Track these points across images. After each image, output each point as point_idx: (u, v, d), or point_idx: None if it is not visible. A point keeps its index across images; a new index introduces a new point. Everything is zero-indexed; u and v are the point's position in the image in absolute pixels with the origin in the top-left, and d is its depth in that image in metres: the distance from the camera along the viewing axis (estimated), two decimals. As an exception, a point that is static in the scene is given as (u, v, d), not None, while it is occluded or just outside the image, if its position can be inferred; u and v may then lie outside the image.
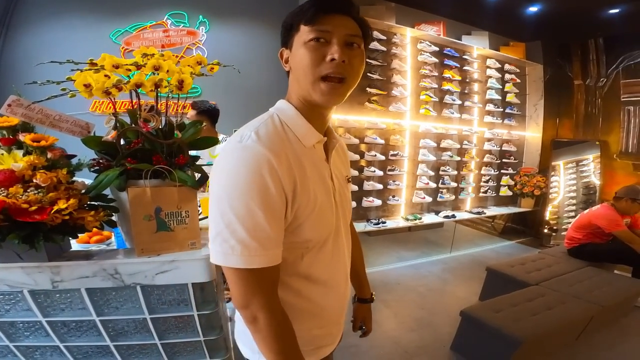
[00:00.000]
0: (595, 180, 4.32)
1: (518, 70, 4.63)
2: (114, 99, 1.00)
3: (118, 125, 0.97)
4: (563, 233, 4.28)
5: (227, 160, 0.57)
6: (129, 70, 1.04)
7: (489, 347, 2.01)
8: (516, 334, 1.86)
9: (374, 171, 3.57)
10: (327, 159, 0.72)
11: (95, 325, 0.95)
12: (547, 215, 4.41)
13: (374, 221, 3.57)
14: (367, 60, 3.45)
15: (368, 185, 3.57)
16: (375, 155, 3.58)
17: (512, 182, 4.57)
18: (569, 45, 4.61)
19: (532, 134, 4.80)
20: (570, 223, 4.09)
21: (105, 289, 0.94)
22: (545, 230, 4.39)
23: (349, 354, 2.12)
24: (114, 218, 1.00)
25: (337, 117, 3.36)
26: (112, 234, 1.17)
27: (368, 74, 3.50)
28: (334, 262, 0.72)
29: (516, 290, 2.41)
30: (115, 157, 0.93)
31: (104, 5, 2.95)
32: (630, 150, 4.07)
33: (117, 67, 1.01)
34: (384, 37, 3.56)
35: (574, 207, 4.44)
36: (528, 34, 4.60)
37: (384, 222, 3.60)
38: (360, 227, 3.46)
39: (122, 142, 0.94)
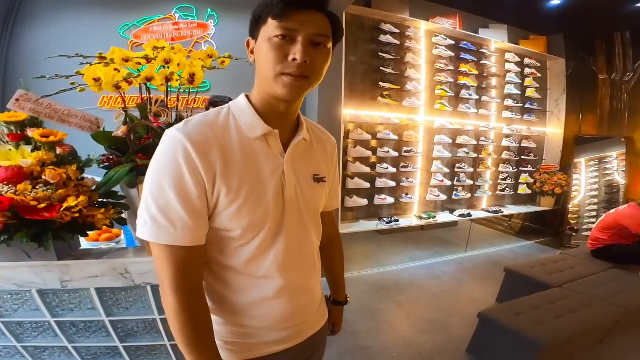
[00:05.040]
0: (620, 178, 4.16)
1: (539, 65, 4.48)
2: (124, 93, 0.97)
3: (128, 120, 0.94)
4: (584, 233, 4.14)
5: (159, 145, 0.62)
6: (139, 64, 1.01)
7: (508, 351, 1.94)
8: (538, 338, 1.79)
9: (387, 168, 3.50)
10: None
11: (105, 325, 0.93)
12: (568, 215, 4.26)
13: (386, 219, 3.50)
14: (380, 53, 3.39)
15: (380, 183, 3.50)
16: (388, 151, 3.50)
17: (532, 180, 4.42)
18: (594, 39, 4.46)
19: (553, 130, 4.63)
20: (591, 223, 3.95)
21: (115, 288, 0.92)
22: (566, 231, 4.24)
23: (361, 355, 2.08)
24: (124, 216, 0.97)
25: (349, 112, 3.30)
26: (122, 231, 1.15)
27: (381, 68, 3.42)
28: (275, 261, 0.69)
29: (537, 293, 2.34)
30: (125, 153, 0.91)
31: (110, -2, 2.95)
32: (657, 148, 3.90)
33: (127, 60, 0.98)
34: (397, 31, 3.46)
35: (595, 207, 4.29)
36: (550, 27, 4.46)
37: (397, 221, 3.52)
38: (372, 225, 3.41)
39: (132, 137, 0.91)
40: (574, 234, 4.20)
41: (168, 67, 0.99)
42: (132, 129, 0.89)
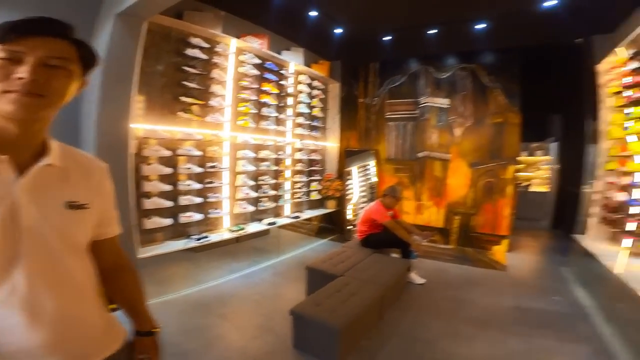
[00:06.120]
0: (375, 181, 5.55)
1: (323, 87, 5.33)
2: None
3: None
4: (361, 228, 5.28)
5: None
6: None
7: (318, 338, 2.17)
8: (334, 323, 2.06)
9: (190, 185, 3.35)
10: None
11: None
12: (350, 213, 5.29)
13: (196, 236, 3.36)
14: (184, 67, 3.24)
15: (185, 200, 3.32)
16: (190, 167, 3.36)
17: (320, 187, 5.29)
18: (358, 67, 5.58)
19: (331, 144, 5.67)
20: (363, 219, 5.05)
21: None
22: (348, 227, 5.25)
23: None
24: None
25: (144, 127, 2.96)
26: None
27: (183, 82, 3.25)
28: (14, 292, 0.64)
29: (329, 283, 2.66)
30: None
31: None
32: (391, 157, 5.45)
33: None
34: (208, 45, 3.40)
35: (365, 205, 5.43)
36: (332, 54, 5.26)
37: (206, 237, 3.44)
38: (180, 244, 3.21)
39: None
40: (354, 229, 5.25)
41: None
42: None
